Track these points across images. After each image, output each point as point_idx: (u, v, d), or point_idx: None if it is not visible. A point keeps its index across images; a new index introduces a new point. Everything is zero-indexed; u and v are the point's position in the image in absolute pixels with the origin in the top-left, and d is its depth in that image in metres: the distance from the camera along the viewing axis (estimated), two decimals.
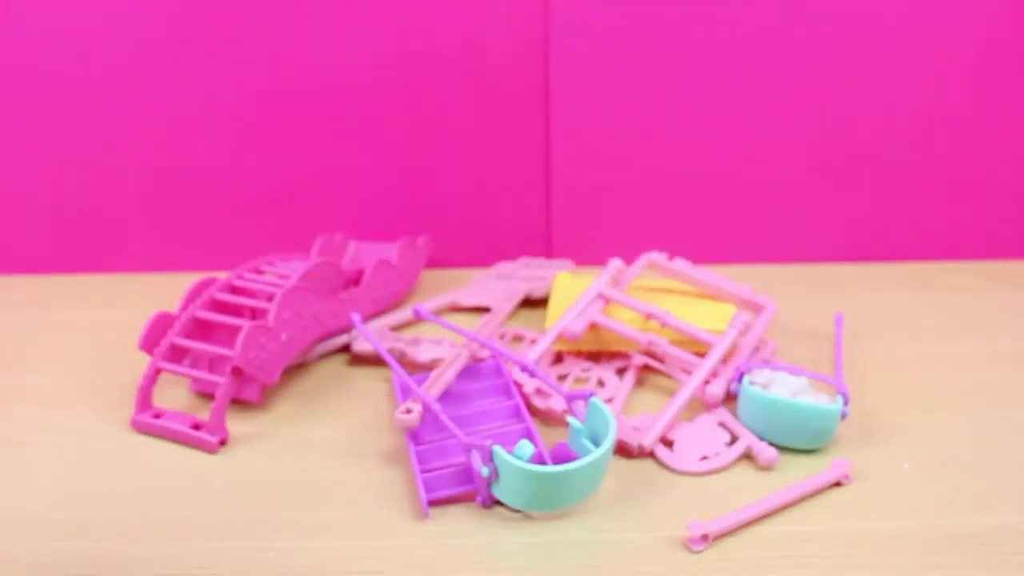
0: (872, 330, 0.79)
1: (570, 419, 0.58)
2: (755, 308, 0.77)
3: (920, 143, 0.92)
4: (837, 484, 0.57)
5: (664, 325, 0.70)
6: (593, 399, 0.57)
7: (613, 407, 0.65)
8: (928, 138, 0.91)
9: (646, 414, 0.64)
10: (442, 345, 0.74)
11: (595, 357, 0.74)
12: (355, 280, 0.81)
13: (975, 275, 0.92)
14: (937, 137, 0.92)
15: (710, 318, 0.74)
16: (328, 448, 0.63)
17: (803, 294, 0.87)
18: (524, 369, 0.65)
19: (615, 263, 0.77)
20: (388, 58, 0.87)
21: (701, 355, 0.68)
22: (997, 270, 0.94)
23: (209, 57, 0.87)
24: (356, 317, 0.72)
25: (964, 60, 0.89)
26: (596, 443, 0.56)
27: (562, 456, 0.55)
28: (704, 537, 0.50)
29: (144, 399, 0.65)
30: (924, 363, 0.74)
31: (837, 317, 0.76)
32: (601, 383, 0.70)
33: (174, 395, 0.69)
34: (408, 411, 0.60)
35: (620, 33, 0.86)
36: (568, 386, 0.70)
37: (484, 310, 0.83)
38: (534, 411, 0.65)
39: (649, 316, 0.70)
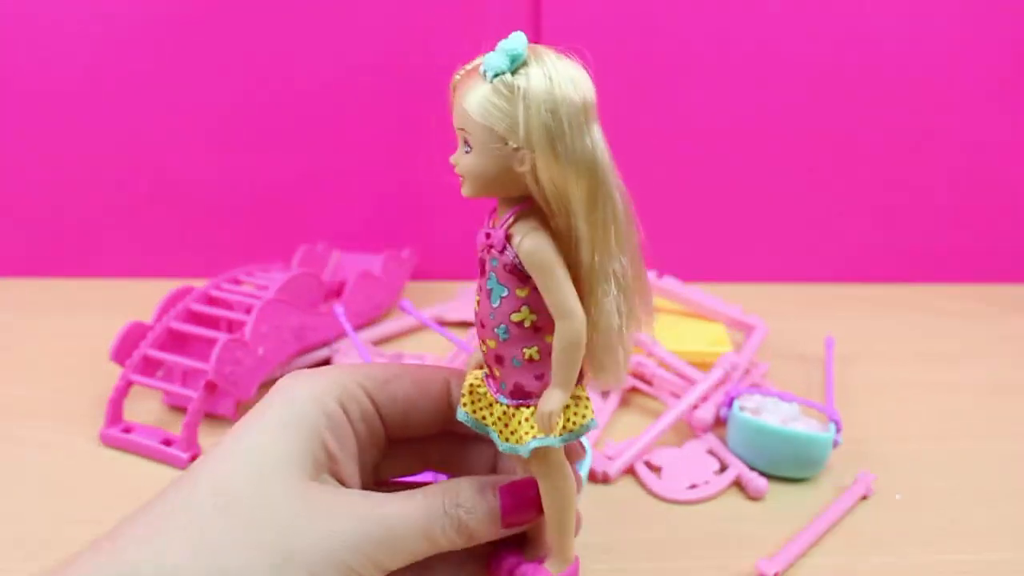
0: (865, 353, 0.78)
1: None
2: (745, 329, 0.76)
3: (917, 165, 0.91)
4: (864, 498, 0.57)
5: (650, 354, 0.68)
6: None
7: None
8: (924, 160, 0.91)
9: (631, 439, 0.62)
10: (424, 361, 0.72)
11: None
12: (337, 292, 0.80)
13: (971, 299, 0.91)
14: (934, 160, 0.91)
15: (700, 339, 0.72)
16: None
17: (794, 314, 0.86)
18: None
19: None
20: (373, 65, 0.85)
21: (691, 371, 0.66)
22: (993, 294, 0.92)
23: (190, 63, 0.85)
24: (340, 310, 0.70)
25: (963, 83, 0.88)
26: None
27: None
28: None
29: (114, 412, 0.63)
30: (918, 388, 0.73)
31: (827, 341, 0.75)
32: None
33: (147, 407, 0.67)
34: None
35: (615, 48, 0.85)
36: None
37: (469, 325, 0.81)
38: None
39: (636, 343, 0.68)
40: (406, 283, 0.87)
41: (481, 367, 0.38)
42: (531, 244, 0.33)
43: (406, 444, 0.41)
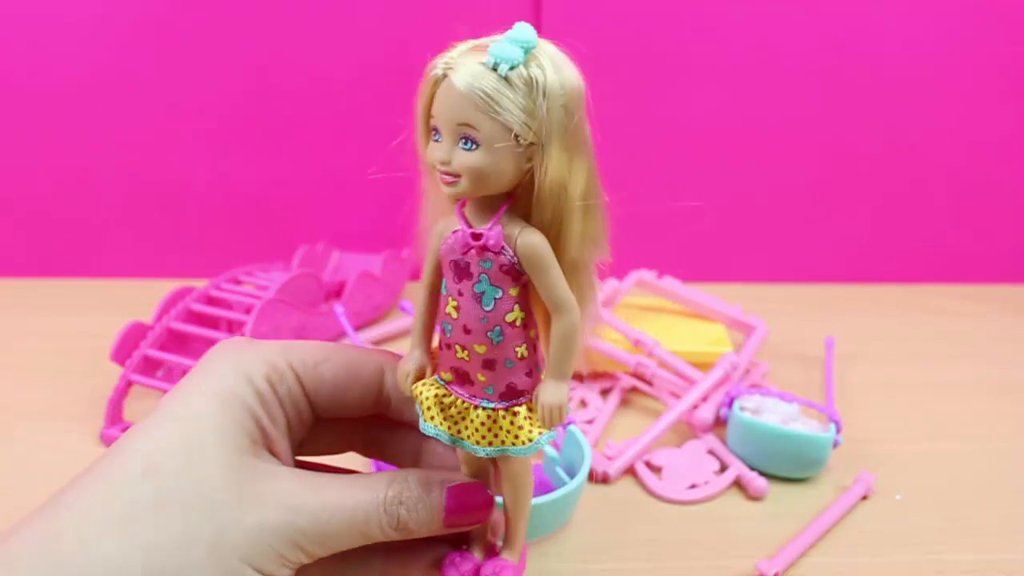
0: (865, 353, 0.78)
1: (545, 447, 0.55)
2: (745, 329, 0.75)
3: (916, 165, 0.91)
4: (864, 498, 0.56)
5: (651, 355, 0.68)
6: (571, 427, 0.55)
7: (593, 429, 0.63)
8: (924, 160, 0.90)
9: (631, 439, 0.62)
10: None
11: (578, 376, 0.72)
12: (336, 292, 0.80)
13: (971, 299, 0.91)
14: (933, 160, 0.90)
15: (700, 339, 0.72)
16: None
17: (794, 314, 0.86)
18: None
19: (609, 283, 0.76)
20: (374, 64, 0.85)
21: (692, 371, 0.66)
22: (993, 294, 0.92)
23: (191, 63, 0.85)
24: (340, 310, 0.69)
25: (963, 83, 0.88)
26: (571, 474, 0.54)
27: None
28: None
29: (114, 412, 0.63)
30: (919, 389, 0.73)
31: (828, 341, 0.74)
32: (584, 403, 0.68)
33: (147, 407, 0.66)
34: None
35: (615, 48, 0.85)
36: None
37: None
38: None
39: (637, 343, 0.68)
40: (406, 283, 0.87)
41: (433, 374, 0.36)
42: (531, 241, 0.32)
43: (332, 424, 0.40)
